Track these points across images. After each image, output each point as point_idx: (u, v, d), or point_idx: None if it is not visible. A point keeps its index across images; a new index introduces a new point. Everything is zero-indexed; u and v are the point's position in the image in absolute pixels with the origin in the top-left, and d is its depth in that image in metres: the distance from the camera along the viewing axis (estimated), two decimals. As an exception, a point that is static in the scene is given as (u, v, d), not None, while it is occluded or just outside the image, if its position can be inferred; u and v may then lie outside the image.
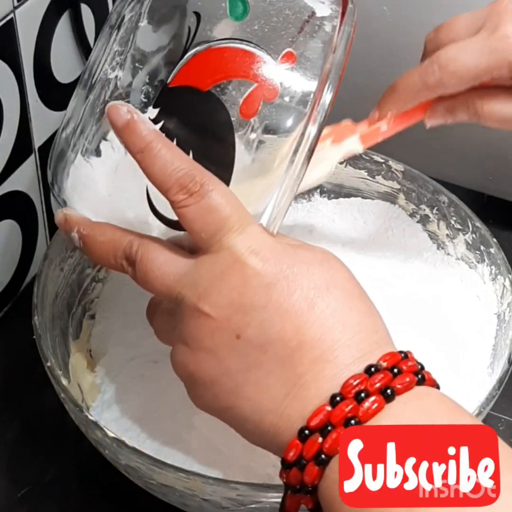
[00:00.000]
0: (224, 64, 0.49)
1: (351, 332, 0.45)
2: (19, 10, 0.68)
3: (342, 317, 0.45)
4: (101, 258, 0.50)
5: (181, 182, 0.45)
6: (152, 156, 0.46)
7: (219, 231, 0.45)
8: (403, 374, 0.43)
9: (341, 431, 0.41)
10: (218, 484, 0.53)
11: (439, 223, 0.74)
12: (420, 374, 0.44)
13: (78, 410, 0.57)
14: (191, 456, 0.59)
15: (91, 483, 0.66)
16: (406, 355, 0.45)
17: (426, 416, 0.42)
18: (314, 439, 0.42)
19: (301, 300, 0.44)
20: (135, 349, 0.66)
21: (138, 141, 0.46)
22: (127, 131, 0.46)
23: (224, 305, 0.44)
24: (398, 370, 0.43)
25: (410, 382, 0.43)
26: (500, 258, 0.68)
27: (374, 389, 0.42)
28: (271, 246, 0.46)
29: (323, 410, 0.43)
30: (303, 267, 0.45)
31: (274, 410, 0.44)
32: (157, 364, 0.64)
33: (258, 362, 0.44)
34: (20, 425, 0.70)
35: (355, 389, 0.42)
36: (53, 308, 0.66)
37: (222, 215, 0.45)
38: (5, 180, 0.72)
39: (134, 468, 0.56)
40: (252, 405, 0.45)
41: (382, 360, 0.44)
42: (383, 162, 0.76)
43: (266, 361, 0.44)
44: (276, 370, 0.44)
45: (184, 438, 0.60)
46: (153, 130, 0.47)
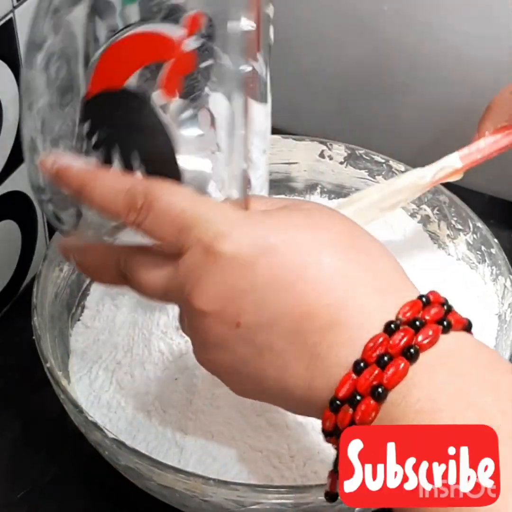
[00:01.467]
0: (131, 54, 0.47)
1: (356, 286, 0.42)
2: (18, 10, 0.68)
3: (340, 273, 0.42)
4: (101, 280, 0.51)
5: (126, 203, 0.45)
6: (91, 191, 0.46)
7: (182, 230, 0.44)
8: (426, 326, 0.41)
9: (369, 401, 0.40)
10: (218, 485, 0.53)
11: (439, 224, 0.74)
12: (445, 320, 0.41)
13: (78, 411, 0.57)
14: (186, 459, 0.59)
15: (91, 484, 0.66)
16: (428, 300, 0.42)
17: (455, 379, 0.40)
18: (345, 410, 0.41)
19: (289, 269, 0.42)
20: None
21: (73, 183, 0.47)
22: (60, 179, 0.47)
23: (213, 298, 0.43)
24: (420, 322, 0.41)
25: (434, 336, 0.40)
26: (501, 258, 0.68)
27: (396, 351, 0.40)
28: (240, 223, 0.43)
29: (349, 380, 0.40)
30: (281, 234, 0.43)
31: (301, 385, 0.42)
32: (157, 365, 0.65)
33: (268, 344, 0.43)
34: (20, 425, 0.70)
35: (376, 353, 0.40)
36: (53, 308, 0.66)
37: (175, 214, 0.44)
38: (5, 180, 0.72)
39: (133, 469, 0.56)
40: (278, 385, 0.43)
41: (401, 314, 0.41)
42: (384, 162, 0.76)
43: (275, 340, 0.43)
44: (288, 347, 0.42)
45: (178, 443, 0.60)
46: (82, 168, 0.47)
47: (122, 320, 0.68)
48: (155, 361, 0.65)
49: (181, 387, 0.61)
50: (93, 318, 0.70)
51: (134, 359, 0.65)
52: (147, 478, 0.56)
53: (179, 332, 0.65)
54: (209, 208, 0.44)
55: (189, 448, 0.60)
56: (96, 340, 0.68)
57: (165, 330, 0.66)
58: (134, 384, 0.64)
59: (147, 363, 0.65)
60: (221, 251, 0.43)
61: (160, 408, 0.62)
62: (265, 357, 0.43)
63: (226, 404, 0.60)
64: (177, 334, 0.64)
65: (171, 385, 0.61)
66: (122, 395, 0.63)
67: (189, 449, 0.60)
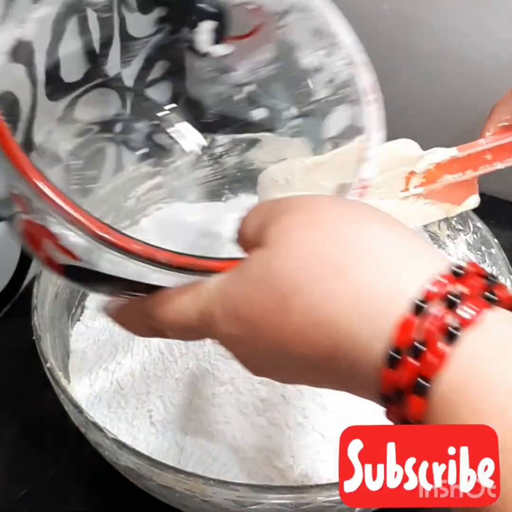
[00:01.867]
0: None
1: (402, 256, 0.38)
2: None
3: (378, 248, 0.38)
4: (141, 334, 0.49)
5: (147, 327, 0.45)
6: (126, 322, 0.47)
7: (202, 320, 0.42)
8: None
9: (443, 345, 0.35)
10: (218, 485, 0.53)
11: (439, 224, 0.74)
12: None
13: (78, 411, 0.57)
14: (186, 459, 0.59)
15: (91, 484, 0.66)
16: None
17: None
18: (409, 361, 0.36)
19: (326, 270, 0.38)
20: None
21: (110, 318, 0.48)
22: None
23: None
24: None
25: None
26: (501, 258, 0.68)
27: (474, 290, 0.36)
28: (240, 298, 0.40)
29: (411, 323, 0.36)
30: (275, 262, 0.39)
31: (356, 343, 0.37)
32: (157, 365, 0.65)
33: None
34: (20, 425, 0.70)
35: (446, 288, 0.36)
36: (53, 308, 0.66)
37: (187, 320, 0.43)
38: (5, 181, 0.72)
39: (133, 469, 0.56)
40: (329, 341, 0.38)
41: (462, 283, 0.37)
42: (384, 162, 0.76)
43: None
44: (334, 301, 0.38)
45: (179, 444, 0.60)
46: (110, 309, 0.47)
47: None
48: (155, 361, 0.65)
49: (181, 387, 0.61)
50: (93, 318, 0.70)
51: (134, 359, 0.65)
52: (147, 478, 0.55)
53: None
54: (208, 285, 0.42)
55: (189, 448, 0.60)
56: (96, 340, 0.68)
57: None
58: (134, 384, 0.64)
59: (147, 363, 0.65)
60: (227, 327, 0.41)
61: (160, 408, 0.62)
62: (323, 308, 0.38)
63: (226, 404, 0.60)
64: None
65: (171, 385, 0.61)
66: (122, 395, 0.63)
67: (189, 449, 0.60)
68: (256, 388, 0.62)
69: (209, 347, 0.64)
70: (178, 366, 0.64)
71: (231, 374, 0.62)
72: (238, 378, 0.62)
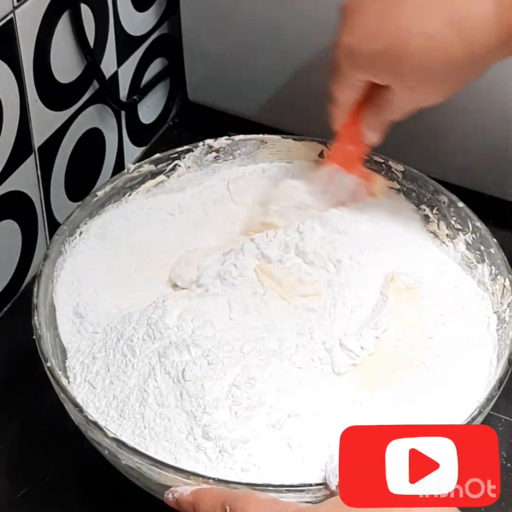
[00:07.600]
0: None
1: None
2: (18, 10, 0.68)
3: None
4: None
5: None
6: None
7: None
8: None
9: None
10: (218, 485, 0.53)
11: (439, 223, 0.74)
12: None
13: (78, 410, 0.57)
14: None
15: (91, 483, 0.66)
16: None
17: None
18: None
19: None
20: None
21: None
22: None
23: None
24: None
25: None
26: (500, 258, 0.68)
27: None
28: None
29: None
30: None
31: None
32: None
33: None
34: (20, 425, 0.70)
35: None
36: (53, 308, 0.66)
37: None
38: (5, 180, 0.73)
39: (134, 468, 0.56)
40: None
41: None
42: (383, 162, 0.76)
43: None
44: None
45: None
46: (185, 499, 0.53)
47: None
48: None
49: (182, 387, 0.61)
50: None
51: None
52: (147, 477, 0.56)
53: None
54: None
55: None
56: (96, 340, 0.68)
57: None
58: (134, 384, 0.64)
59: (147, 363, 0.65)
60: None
61: (161, 408, 0.62)
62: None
63: (227, 403, 0.60)
64: (178, 333, 0.64)
65: (171, 385, 0.61)
66: (122, 395, 0.63)
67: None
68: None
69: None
70: (178, 366, 0.64)
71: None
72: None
